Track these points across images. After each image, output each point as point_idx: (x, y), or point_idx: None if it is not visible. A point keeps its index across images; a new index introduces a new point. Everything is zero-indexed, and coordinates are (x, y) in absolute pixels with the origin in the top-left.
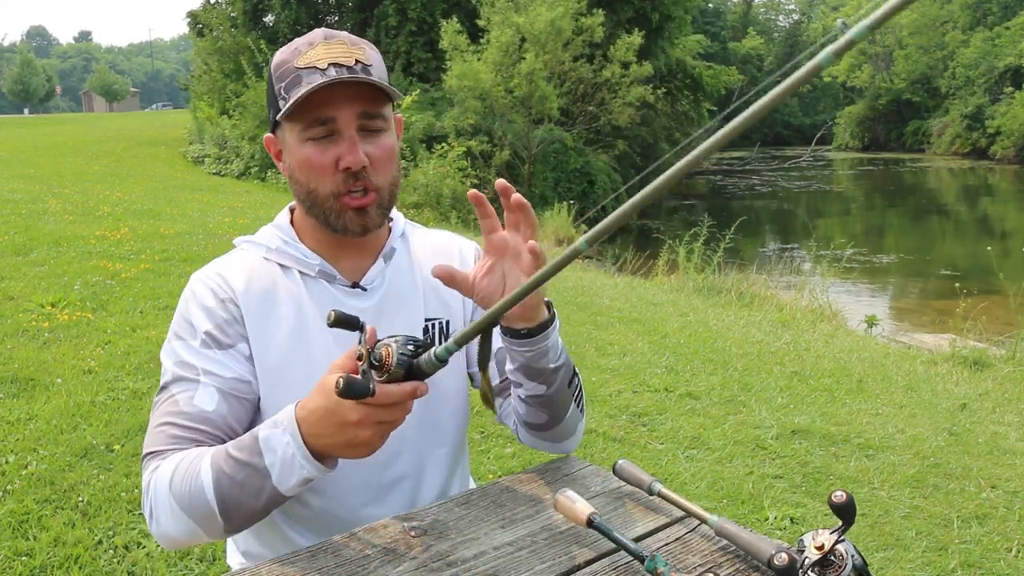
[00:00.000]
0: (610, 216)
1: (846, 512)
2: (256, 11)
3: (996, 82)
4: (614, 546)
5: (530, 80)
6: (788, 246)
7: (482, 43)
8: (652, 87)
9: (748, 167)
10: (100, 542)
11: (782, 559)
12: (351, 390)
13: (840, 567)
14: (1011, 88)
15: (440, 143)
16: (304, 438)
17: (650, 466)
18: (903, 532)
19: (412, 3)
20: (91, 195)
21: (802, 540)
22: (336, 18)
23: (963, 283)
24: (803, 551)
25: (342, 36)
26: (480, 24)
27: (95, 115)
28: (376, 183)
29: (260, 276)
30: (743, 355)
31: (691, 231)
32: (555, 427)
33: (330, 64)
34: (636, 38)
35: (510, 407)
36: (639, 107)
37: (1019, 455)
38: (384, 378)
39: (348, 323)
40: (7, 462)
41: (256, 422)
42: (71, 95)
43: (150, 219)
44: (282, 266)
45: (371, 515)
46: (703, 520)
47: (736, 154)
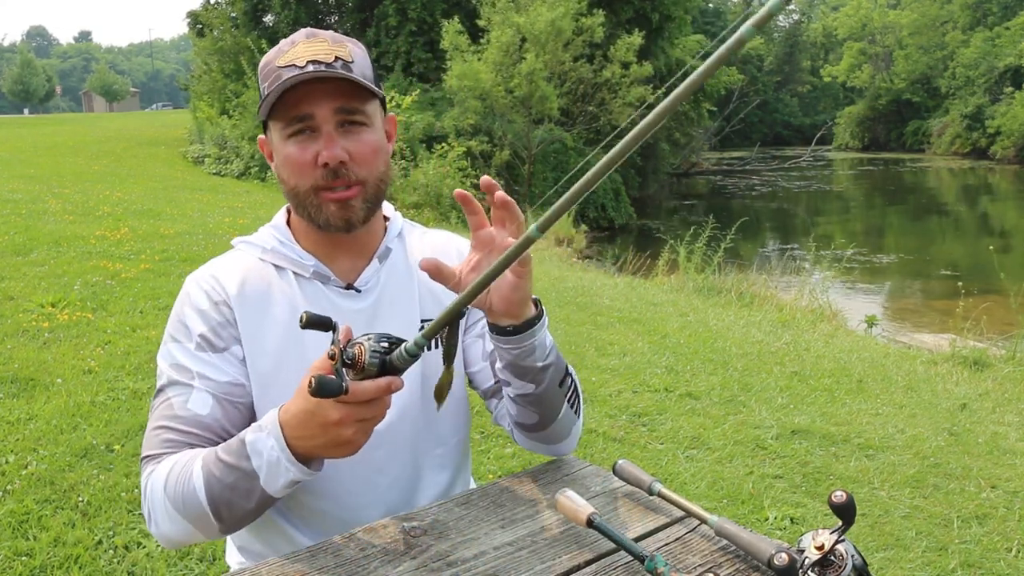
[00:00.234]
0: (559, 202)
1: (846, 512)
2: (256, 11)
3: (996, 82)
4: (614, 546)
5: (530, 80)
6: (788, 246)
7: (482, 43)
8: (652, 87)
9: (748, 167)
10: (100, 542)
11: (782, 559)
12: (322, 389)
13: (840, 567)
14: (1011, 88)
15: (440, 143)
16: (288, 441)
17: (650, 466)
18: (903, 532)
19: (412, 3)
20: (91, 195)
21: (802, 540)
22: (336, 18)
23: (963, 283)
24: (803, 551)
25: (325, 35)
26: (480, 24)
27: (95, 115)
28: (359, 177)
29: (255, 278)
30: (743, 355)
31: (692, 231)
32: (547, 428)
33: (309, 61)
34: (636, 38)
35: (504, 408)
36: (639, 107)
37: (1019, 455)
38: (359, 376)
39: (320, 324)
40: (7, 462)
41: (251, 423)
42: (71, 95)
43: (150, 219)
44: (277, 267)
45: (370, 515)
46: (703, 520)
47: (736, 154)
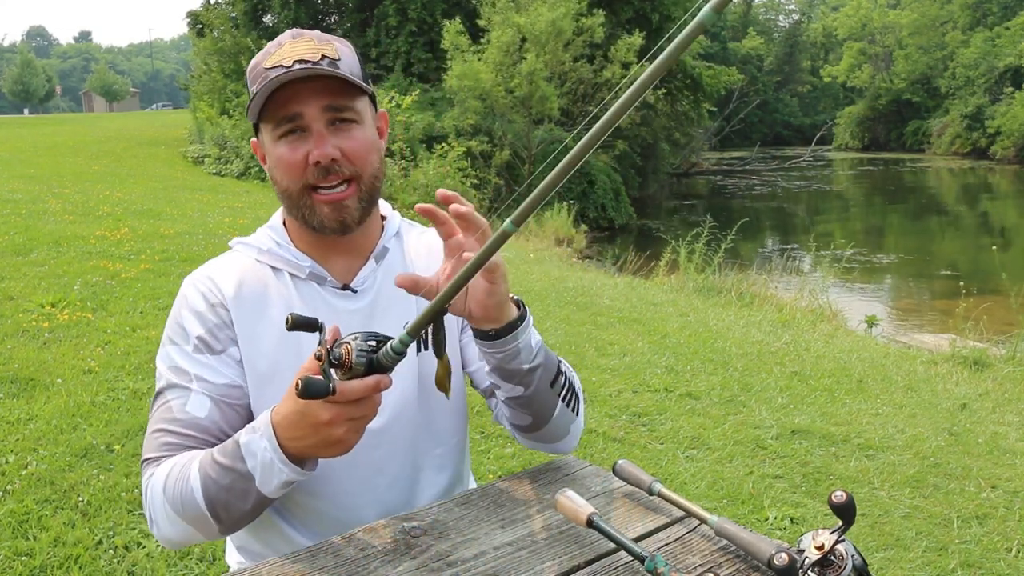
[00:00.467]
0: (531, 195)
1: (846, 512)
2: (256, 11)
3: (996, 82)
4: (614, 546)
5: (530, 80)
6: (788, 246)
7: (482, 43)
8: (653, 87)
9: (748, 167)
10: (100, 542)
11: (782, 559)
12: (309, 390)
13: (840, 567)
14: (1011, 88)
15: (440, 143)
16: (280, 442)
17: (650, 466)
18: (903, 532)
19: (412, 3)
20: (91, 195)
21: (802, 540)
22: (336, 18)
23: (963, 283)
24: (803, 551)
25: (311, 34)
26: (480, 24)
27: (95, 115)
28: (352, 173)
29: (251, 279)
30: (743, 355)
31: (692, 231)
32: (542, 428)
33: (295, 61)
34: (637, 39)
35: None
36: (639, 107)
37: (1019, 455)
38: (347, 375)
39: (306, 325)
40: (7, 462)
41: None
42: (71, 95)
43: (150, 219)
44: (274, 268)
45: (369, 516)
46: (703, 520)
47: (736, 154)
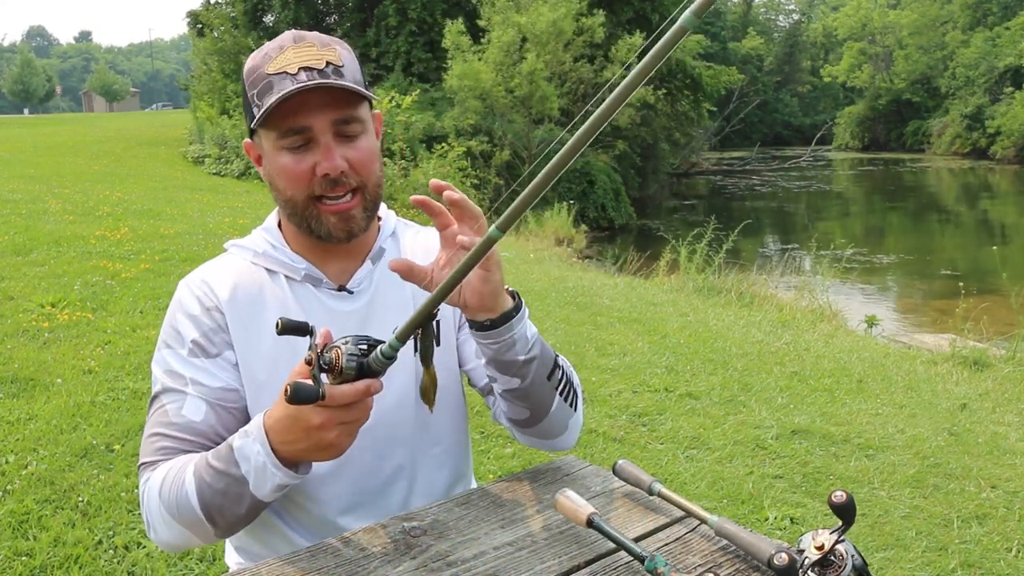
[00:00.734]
0: (518, 199)
1: (846, 512)
2: (256, 11)
3: (996, 82)
4: (614, 546)
5: (531, 80)
6: (788, 246)
7: (483, 43)
8: (652, 88)
9: (748, 167)
10: (100, 542)
11: (782, 559)
12: (298, 396)
13: (840, 567)
14: (1011, 88)
15: (440, 143)
16: (273, 446)
17: (650, 466)
18: (903, 532)
19: (412, 3)
20: (91, 195)
21: (802, 540)
22: (336, 18)
23: (963, 283)
24: (803, 551)
25: (312, 37)
26: (480, 24)
27: (95, 115)
28: (359, 183)
29: (246, 282)
30: (743, 355)
31: (693, 231)
32: (539, 423)
33: (300, 68)
34: (637, 39)
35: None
36: (639, 107)
37: (1019, 455)
38: (337, 380)
39: (296, 329)
40: (7, 462)
41: None
42: (71, 95)
43: (150, 219)
44: (269, 270)
45: (368, 516)
46: (703, 520)
47: (736, 154)
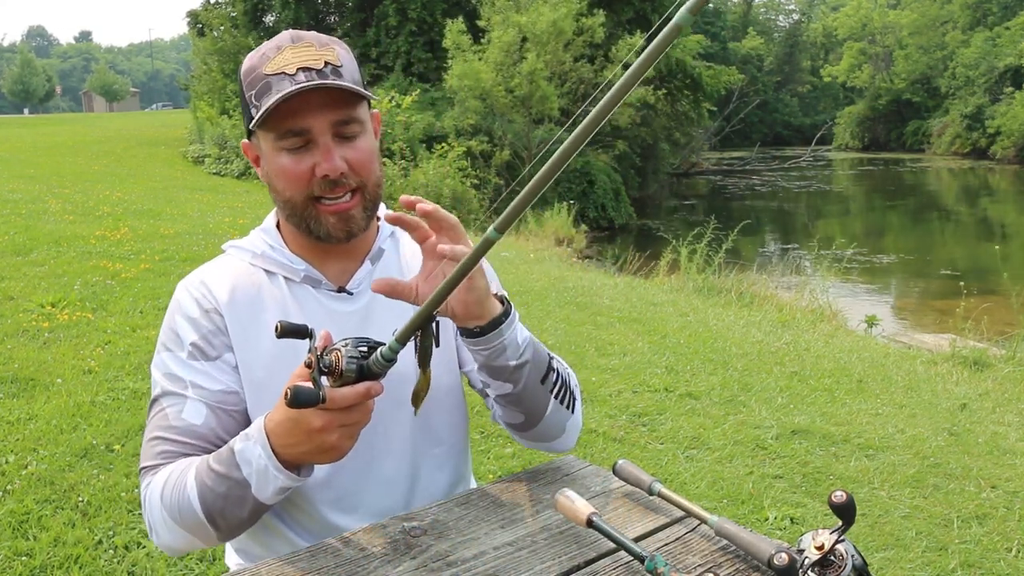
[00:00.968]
0: (515, 200)
1: (846, 512)
2: (256, 11)
3: (996, 82)
4: (614, 546)
5: (531, 80)
6: (788, 246)
7: (483, 43)
8: (652, 88)
9: (748, 167)
10: (100, 542)
11: (782, 559)
12: (298, 400)
13: (840, 567)
14: (1011, 88)
15: (440, 143)
16: (274, 449)
17: (650, 466)
18: (903, 532)
19: (412, 3)
20: (91, 195)
21: (802, 540)
22: (336, 18)
23: (963, 283)
24: (803, 551)
25: (309, 37)
26: (480, 24)
27: (95, 115)
28: (358, 184)
29: (245, 284)
30: (743, 355)
31: (693, 231)
32: (535, 427)
33: (299, 69)
34: (637, 39)
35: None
36: (639, 107)
37: (1019, 455)
38: (337, 382)
39: (296, 332)
40: (7, 462)
41: None
42: (71, 95)
43: (150, 219)
44: (268, 272)
45: (368, 516)
46: (703, 520)
47: (736, 154)
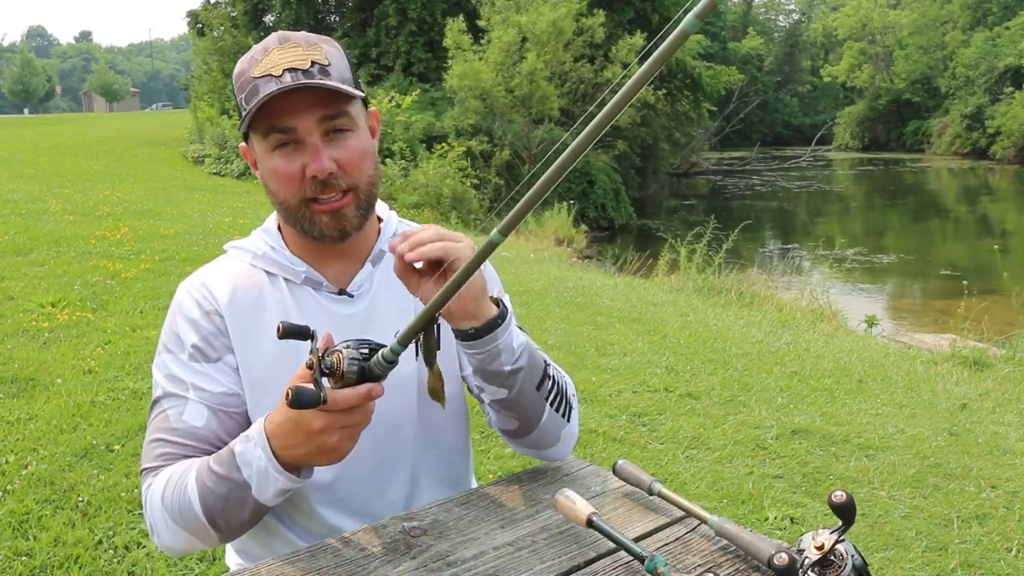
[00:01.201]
0: (519, 203)
1: (846, 512)
2: (256, 11)
3: (996, 82)
4: (614, 546)
5: (531, 80)
6: (788, 246)
7: (483, 43)
8: (652, 88)
9: (748, 167)
10: (100, 542)
11: (782, 559)
12: (299, 400)
13: (840, 567)
14: (1011, 88)
15: (440, 143)
16: (274, 450)
17: (650, 466)
18: (903, 532)
19: (412, 3)
20: (91, 195)
21: (802, 540)
22: (336, 18)
23: (964, 283)
24: (803, 551)
25: (297, 38)
26: (480, 24)
27: (95, 115)
28: (349, 184)
29: (245, 285)
30: (743, 355)
31: (692, 231)
32: (529, 434)
33: (285, 70)
34: (638, 39)
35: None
36: (639, 107)
37: (1019, 455)
38: (339, 384)
39: (297, 333)
40: (7, 462)
41: None
42: (71, 95)
43: (150, 219)
44: (268, 273)
45: (368, 518)
46: (703, 520)
47: (736, 154)
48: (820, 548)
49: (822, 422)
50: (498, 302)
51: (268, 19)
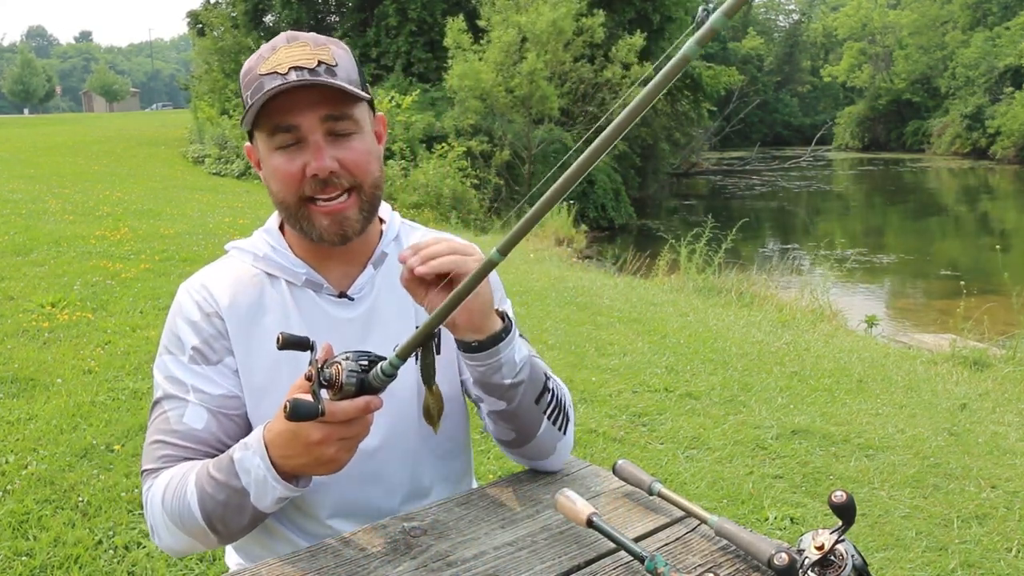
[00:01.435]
0: (519, 223)
1: (846, 512)
2: (256, 11)
3: (996, 82)
4: (614, 546)
5: (531, 80)
6: (788, 246)
7: (483, 43)
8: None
9: (748, 167)
10: (100, 542)
11: (782, 559)
12: (296, 413)
13: (840, 567)
14: (1011, 88)
15: (440, 143)
16: (273, 459)
17: (650, 466)
18: (903, 532)
19: (412, 3)
20: (91, 195)
21: (802, 540)
22: (336, 18)
23: (963, 283)
24: (803, 551)
25: (306, 38)
26: (480, 24)
27: (95, 115)
28: (352, 183)
29: (246, 287)
30: (743, 355)
31: (692, 231)
32: (526, 445)
33: (291, 68)
34: (638, 39)
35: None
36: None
37: (1019, 455)
38: (337, 396)
39: (297, 344)
40: (7, 462)
41: (248, 433)
42: (71, 95)
43: (150, 219)
44: (269, 275)
45: (367, 521)
46: (703, 520)
47: (736, 154)
48: (820, 548)
49: (822, 422)
50: (503, 315)
51: (268, 19)
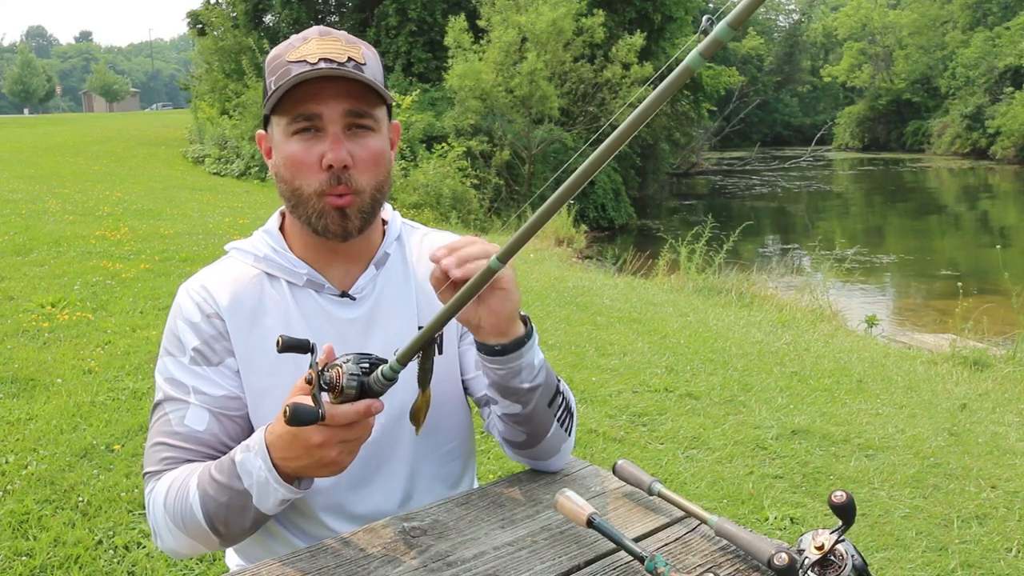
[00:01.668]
0: (519, 231)
1: (846, 512)
2: (257, 11)
3: (996, 82)
4: (614, 546)
5: (531, 80)
6: (788, 246)
7: (483, 43)
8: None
9: (748, 167)
10: (100, 542)
11: (782, 559)
12: (296, 418)
13: (840, 567)
14: (1011, 88)
15: (440, 143)
16: (274, 462)
17: (650, 466)
18: (903, 532)
19: (412, 3)
20: (91, 195)
21: (802, 540)
22: (336, 18)
23: (963, 283)
24: (803, 551)
25: (339, 34)
26: (480, 24)
27: (95, 115)
28: (357, 186)
29: (246, 287)
30: (743, 355)
31: (692, 231)
32: (535, 446)
33: (321, 59)
34: (638, 39)
35: (494, 420)
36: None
37: (1019, 455)
38: (338, 399)
39: (298, 347)
40: (7, 462)
41: (249, 434)
42: (71, 95)
43: (150, 219)
44: (270, 275)
45: (366, 519)
46: (703, 520)
47: (736, 154)
48: (820, 548)
49: (822, 422)
50: (525, 320)
51: (268, 19)
